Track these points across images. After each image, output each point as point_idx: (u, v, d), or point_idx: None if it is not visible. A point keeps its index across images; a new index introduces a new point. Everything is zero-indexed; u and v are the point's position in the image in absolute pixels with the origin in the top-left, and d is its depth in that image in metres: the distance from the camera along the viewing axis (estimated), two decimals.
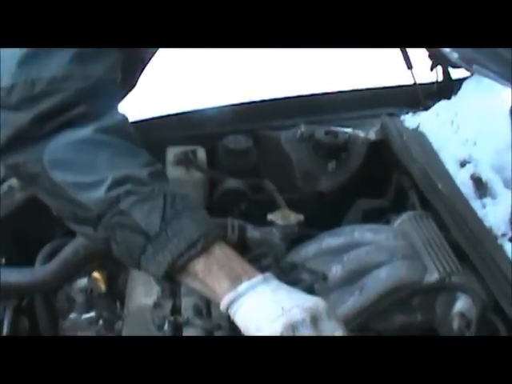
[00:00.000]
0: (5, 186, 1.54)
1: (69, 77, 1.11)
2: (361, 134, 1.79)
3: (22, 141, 1.10)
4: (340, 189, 1.66)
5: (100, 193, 1.04)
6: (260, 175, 1.63)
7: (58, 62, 1.11)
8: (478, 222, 1.35)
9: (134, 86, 1.50)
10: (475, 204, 1.41)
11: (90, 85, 1.12)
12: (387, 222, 1.42)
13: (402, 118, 1.81)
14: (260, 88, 3.21)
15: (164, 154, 1.63)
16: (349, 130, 1.80)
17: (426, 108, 1.88)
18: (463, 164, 1.53)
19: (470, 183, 1.47)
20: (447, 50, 1.72)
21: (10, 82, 1.10)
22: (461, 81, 1.90)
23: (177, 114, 1.82)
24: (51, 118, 1.09)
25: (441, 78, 1.96)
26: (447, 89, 1.91)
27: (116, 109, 1.17)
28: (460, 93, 1.85)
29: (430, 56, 1.87)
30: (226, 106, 1.85)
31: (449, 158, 1.57)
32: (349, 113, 1.92)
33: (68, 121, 1.10)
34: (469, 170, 1.50)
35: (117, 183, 1.05)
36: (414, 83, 1.92)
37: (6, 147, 1.11)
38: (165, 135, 1.73)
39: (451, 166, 1.54)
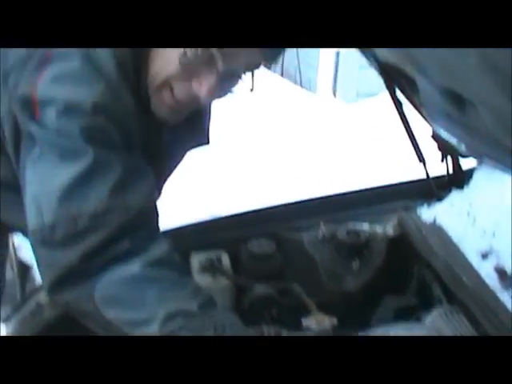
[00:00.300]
0: (32, 303, 1.53)
1: (109, 210, 1.14)
2: (379, 229, 1.83)
3: (71, 279, 1.13)
4: (365, 287, 1.67)
5: (154, 329, 1.08)
6: (285, 278, 1.65)
7: (96, 195, 1.14)
8: (508, 314, 1.36)
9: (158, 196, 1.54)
10: (502, 296, 1.43)
11: (131, 217, 1.15)
12: (418, 319, 1.44)
13: (418, 211, 1.85)
14: (275, 192, 3.31)
15: (188, 259, 1.66)
16: (366, 226, 1.83)
17: (440, 198, 1.93)
18: (485, 256, 1.56)
19: (494, 275, 1.50)
20: (455, 141, 1.79)
21: (52, 220, 1.13)
22: (471, 170, 1.95)
23: (198, 222, 1.86)
24: (98, 254, 1.13)
25: (451, 168, 2.00)
26: (459, 179, 1.96)
27: (160, 238, 1.21)
28: (472, 183, 1.90)
29: (439, 148, 1.92)
30: (245, 212, 1.90)
31: (470, 250, 1.60)
32: (365, 209, 1.96)
33: (115, 256, 1.13)
34: (491, 261, 1.53)
35: (169, 318, 1.09)
36: (427, 177, 1.96)
37: (56, 286, 1.15)
38: (188, 241, 1.77)
39: (473, 258, 1.57)
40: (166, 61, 1.24)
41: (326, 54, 5.59)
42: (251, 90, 1.31)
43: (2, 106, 1.24)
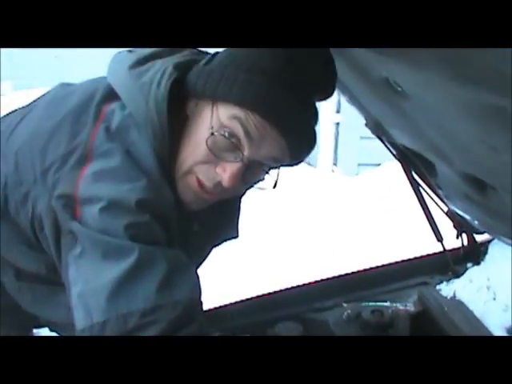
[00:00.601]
0: None
1: (158, 307, 1.14)
2: (401, 306, 1.86)
3: None
4: None
5: None
6: None
7: (144, 292, 1.14)
8: None
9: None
10: None
11: (180, 312, 1.16)
12: None
13: (438, 287, 1.89)
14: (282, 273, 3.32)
15: None
16: (387, 304, 1.87)
17: (455, 273, 1.97)
18: (510, 331, 1.59)
19: None
20: (469, 218, 1.85)
21: (101, 318, 1.13)
22: (486, 244, 2.00)
23: (219, 307, 1.88)
24: None
25: (467, 244, 2.05)
26: (475, 254, 2.01)
27: (209, 327, 1.24)
28: (488, 257, 1.95)
29: (454, 226, 1.97)
30: (266, 294, 1.93)
31: (493, 325, 1.63)
32: (384, 286, 2.00)
33: None
34: None
35: None
36: (444, 250, 2.00)
37: None
38: (213, 327, 1.79)
39: (498, 334, 1.60)
40: (194, 146, 1.25)
41: (326, 125, 5.68)
42: (274, 187, 1.32)
43: (41, 202, 1.23)
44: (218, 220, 1.46)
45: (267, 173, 1.30)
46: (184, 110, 1.28)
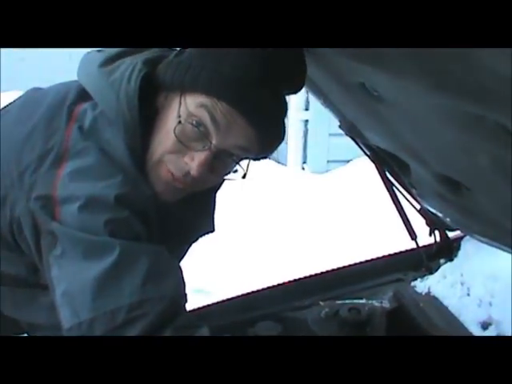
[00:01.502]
0: None
1: (145, 301, 1.15)
2: (377, 303, 1.89)
3: None
4: None
5: None
6: None
7: (130, 287, 1.15)
8: None
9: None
10: None
11: (167, 305, 1.16)
12: None
13: (413, 283, 1.92)
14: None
15: None
16: (363, 301, 1.90)
17: (429, 269, 2.00)
18: (485, 326, 1.62)
19: None
20: (441, 215, 1.88)
21: (89, 316, 1.14)
22: (459, 240, 2.04)
23: (201, 307, 1.89)
24: None
25: (440, 240, 2.08)
26: (447, 249, 2.05)
27: (197, 323, 1.23)
28: (461, 253, 1.98)
29: (427, 222, 2.01)
30: (244, 294, 1.95)
31: (469, 320, 1.67)
32: (360, 284, 2.03)
33: None
34: (492, 331, 1.59)
35: None
36: (417, 247, 2.03)
37: None
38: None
39: (474, 329, 1.63)
40: (163, 136, 1.26)
41: (295, 123, 5.71)
42: (243, 177, 1.32)
43: (19, 205, 1.24)
44: (193, 214, 1.46)
45: (237, 163, 1.31)
46: (154, 104, 1.29)
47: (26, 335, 1.48)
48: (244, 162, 1.32)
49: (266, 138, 1.29)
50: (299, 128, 5.75)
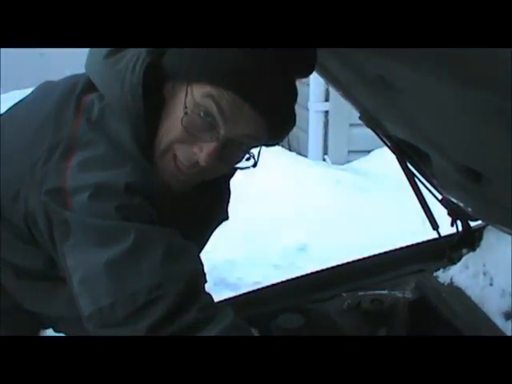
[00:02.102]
0: None
1: (165, 281, 1.15)
2: (399, 294, 1.89)
3: None
4: None
5: None
6: None
7: (148, 268, 1.16)
8: None
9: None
10: None
11: (188, 284, 1.17)
12: None
13: (435, 274, 1.91)
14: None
15: None
16: (385, 292, 1.90)
17: (451, 259, 1.99)
18: (508, 316, 1.61)
19: None
20: (463, 205, 1.87)
21: (109, 300, 1.14)
22: (481, 230, 2.02)
23: (221, 301, 1.90)
24: (166, 325, 1.14)
25: (462, 230, 2.07)
26: (469, 239, 2.03)
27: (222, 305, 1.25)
28: (483, 243, 1.97)
29: (449, 213, 2.00)
30: (267, 286, 1.96)
31: (491, 310, 1.66)
32: (382, 275, 2.03)
33: (184, 327, 1.14)
34: None
35: None
36: (439, 237, 2.02)
37: None
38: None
39: (496, 319, 1.63)
40: (171, 126, 1.26)
41: (315, 114, 5.69)
42: (254, 166, 1.31)
43: (32, 198, 1.25)
44: (206, 203, 1.46)
45: (247, 152, 1.30)
46: (161, 93, 1.29)
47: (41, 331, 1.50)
48: (255, 150, 1.31)
49: (276, 125, 1.28)
50: (319, 119, 5.73)
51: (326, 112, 5.73)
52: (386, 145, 1.71)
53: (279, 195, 4.44)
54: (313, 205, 4.43)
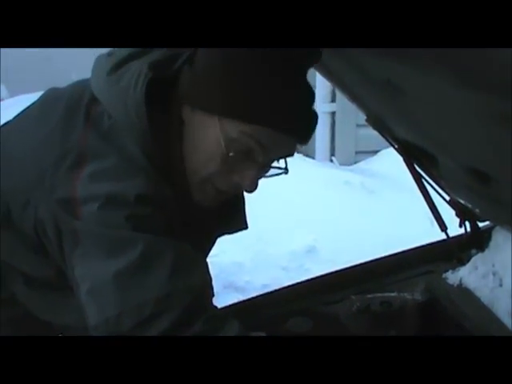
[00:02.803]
0: None
1: (172, 293, 1.15)
2: (408, 296, 1.89)
3: None
4: None
5: None
6: None
7: (156, 280, 1.16)
8: None
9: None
10: None
11: (196, 298, 1.17)
12: None
13: (444, 275, 1.90)
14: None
15: None
16: (395, 294, 1.89)
17: (460, 260, 1.98)
18: None
19: None
20: (471, 206, 1.86)
21: (116, 311, 1.14)
22: (490, 230, 2.01)
23: (230, 305, 1.90)
24: None
25: (470, 231, 2.06)
26: (478, 239, 2.02)
27: (227, 316, 1.24)
28: (492, 243, 1.96)
29: (457, 214, 1.99)
30: (276, 290, 1.96)
31: (501, 311, 1.65)
32: (390, 277, 2.02)
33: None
34: None
35: None
36: (448, 238, 2.01)
37: None
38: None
39: (506, 320, 1.61)
40: (206, 159, 1.26)
41: (322, 116, 5.68)
42: (286, 172, 1.35)
43: (41, 207, 1.25)
44: (224, 211, 1.46)
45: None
46: (176, 112, 1.29)
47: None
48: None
49: (307, 138, 1.32)
50: (326, 120, 5.72)
51: (333, 113, 5.73)
52: (393, 146, 1.70)
53: (286, 197, 4.43)
54: (321, 206, 4.41)
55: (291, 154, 1.32)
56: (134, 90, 1.24)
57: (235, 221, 1.55)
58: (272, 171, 1.35)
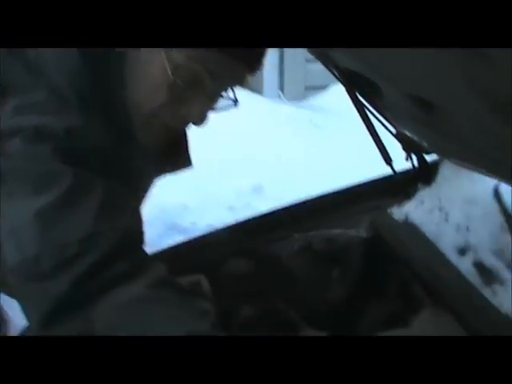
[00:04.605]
0: None
1: (98, 233, 1.09)
2: (353, 233, 1.83)
3: (65, 309, 1.07)
4: (348, 295, 1.67)
5: None
6: (268, 296, 1.64)
7: (82, 219, 1.09)
8: (495, 310, 1.37)
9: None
10: (486, 292, 1.43)
11: (123, 238, 1.10)
12: (405, 324, 1.44)
13: (389, 210, 1.85)
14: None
15: None
16: (339, 231, 1.84)
17: (407, 195, 1.93)
18: (462, 252, 1.56)
19: (473, 271, 1.50)
20: (417, 138, 1.80)
21: (35, 251, 1.07)
22: (436, 164, 1.96)
23: (172, 246, 1.83)
24: (92, 279, 1.07)
25: (417, 165, 2.01)
26: (425, 173, 1.97)
27: (154, 259, 1.18)
28: (439, 177, 1.91)
29: (403, 148, 1.93)
30: (218, 229, 1.88)
31: (446, 246, 1.61)
32: (335, 213, 1.97)
33: (112, 280, 1.08)
34: (469, 257, 1.54)
35: None
36: (394, 173, 1.96)
37: (49, 320, 1.07)
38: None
39: (451, 255, 1.57)
40: (152, 89, 1.21)
41: (270, 50, 5.56)
42: (235, 104, 1.30)
43: None
44: (166, 151, 1.38)
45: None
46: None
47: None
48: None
49: (258, 64, 1.27)
50: (274, 54, 5.61)
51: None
52: (335, 76, 1.62)
53: (232, 134, 4.34)
54: (268, 144, 4.35)
55: (240, 83, 1.27)
56: None
57: (178, 158, 1.47)
58: (220, 104, 1.29)
